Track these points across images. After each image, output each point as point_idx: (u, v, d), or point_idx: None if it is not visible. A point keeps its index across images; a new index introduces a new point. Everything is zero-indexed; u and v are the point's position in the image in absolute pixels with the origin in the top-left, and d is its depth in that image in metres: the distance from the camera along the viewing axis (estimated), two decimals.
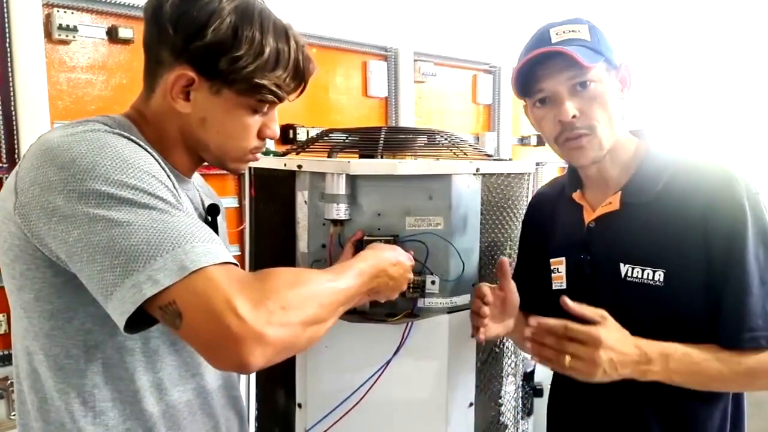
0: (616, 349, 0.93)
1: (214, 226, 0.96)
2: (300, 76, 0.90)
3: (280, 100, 0.89)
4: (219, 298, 0.67)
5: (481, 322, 1.09)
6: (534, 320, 0.96)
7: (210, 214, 0.98)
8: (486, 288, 1.11)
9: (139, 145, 0.80)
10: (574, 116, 1.00)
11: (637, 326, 1.00)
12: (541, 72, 1.01)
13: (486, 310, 1.08)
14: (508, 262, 1.13)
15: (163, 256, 0.68)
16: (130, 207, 0.71)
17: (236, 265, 0.75)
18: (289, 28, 0.88)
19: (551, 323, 0.95)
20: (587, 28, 1.02)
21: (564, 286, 1.14)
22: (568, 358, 0.93)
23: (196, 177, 1.02)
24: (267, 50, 0.83)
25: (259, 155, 0.95)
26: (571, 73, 0.99)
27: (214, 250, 0.71)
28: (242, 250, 2.61)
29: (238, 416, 1.04)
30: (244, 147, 0.91)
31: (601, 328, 0.94)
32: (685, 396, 1.01)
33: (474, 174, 1.19)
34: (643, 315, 1.01)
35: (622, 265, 1.03)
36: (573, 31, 1.01)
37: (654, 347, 0.96)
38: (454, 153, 1.33)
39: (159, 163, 0.81)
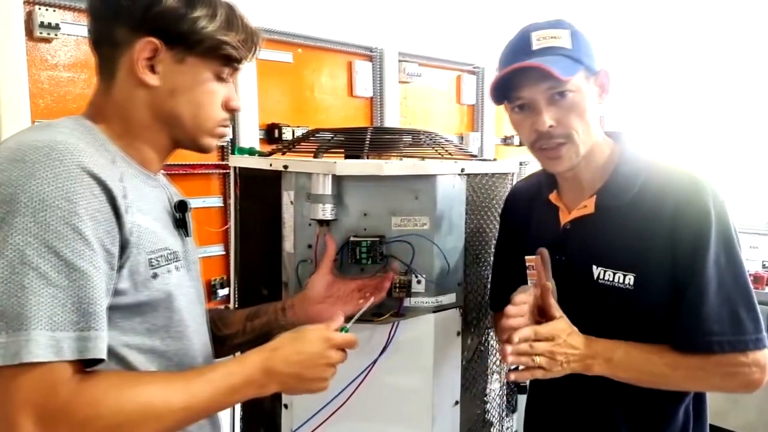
0: (569, 342, 0.98)
1: (184, 222, 0.96)
2: (252, 41, 0.92)
3: (239, 60, 0.91)
4: (9, 407, 0.67)
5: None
6: (516, 336, 0.95)
7: (180, 211, 0.97)
8: (522, 297, 1.01)
9: (102, 153, 0.79)
10: (550, 126, 1.01)
11: (607, 328, 1.03)
12: (520, 81, 1.01)
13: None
14: (547, 254, 1.06)
15: (8, 333, 0.66)
16: (13, 258, 0.68)
17: (99, 359, 0.73)
18: (233, 4, 0.92)
19: (526, 333, 0.96)
20: (569, 33, 1.02)
21: None
22: (537, 359, 0.96)
23: (161, 178, 1.00)
24: (219, 12, 0.87)
25: (227, 132, 0.96)
26: (549, 83, 0.99)
27: (65, 344, 0.69)
28: (227, 250, 2.60)
29: (210, 422, 1.00)
30: (214, 116, 0.91)
31: (556, 323, 0.99)
32: (651, 396, 1.04)
33: (459, 174, 1.20)
34: (613, 317, 1.04)
35: (594, 267, 1.05)
36: (554, 37, 1.01)
37: (599, 343, 1.00)
38: (439, 153, 1.34)
39: (106, 186, 0.76)
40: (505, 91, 1.05)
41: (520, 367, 0.98)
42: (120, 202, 0.77)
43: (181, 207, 0.97)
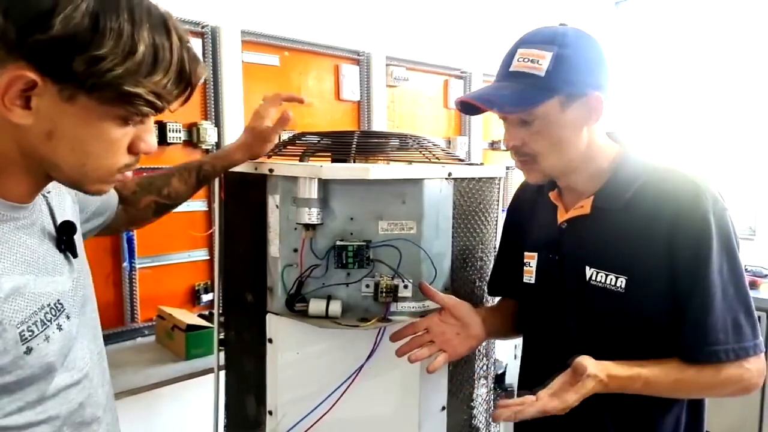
0: (579, 399, 0.96)
1: (70, 245, 0.82)
2: (186, 80, 0.70)
3: (159, 111, 0.70)
4: None
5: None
6: (520, 415, 0.95)
7: (64, 234, 0.81)
8: (423, 323, 1.14)
9: None
10: (514, 146, 1.04)
11: (598, 328, 1.04)
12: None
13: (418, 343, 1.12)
14: (425, 283, 1.16)
15: None
16: None
17: None
18: (168, 18, 0.68)
19: (533, 414, 0.94)
20: (551, 57, 0.98)
21: (533, 281, 1.16)
22: None
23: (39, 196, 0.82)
24: (141, 48, 0.63)
25: (129, 175, 0.76)
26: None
27: None
28: (211, 254, 2.57)
29: None
30: (109, 166, 0.71)
31: (575, 393, 0.94)
32: (642, 403, 1.04)
33: (446, 178, 1.20)
34: (604, 318, 1.04)
35: (587, 268, 1.05)
36: (533, 59, 0.99)
37: (617, 383, 0.97)
38: (427, 157, 1.33)
39: None
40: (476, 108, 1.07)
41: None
42: None
43: (65, 229, 0.81)
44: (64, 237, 0.81)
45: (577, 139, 1.04)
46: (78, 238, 0.86)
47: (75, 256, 0.83)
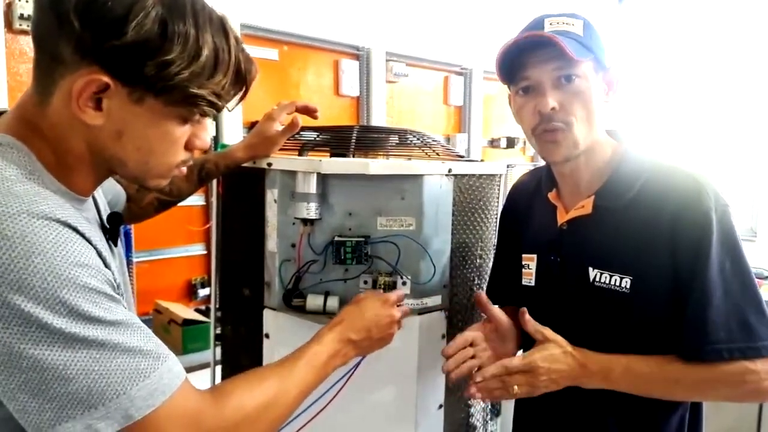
0: (552, 369, 0.98)
1: (114, 234, 0.87)
2: (241, 81, 0.76)
3: (219, 110, 0.75)
4: None
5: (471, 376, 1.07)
6: (479, 376, 1.02)
7: (111, 223, 0.87)
8: (471, 335, 1.10)
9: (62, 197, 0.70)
10: (553, 108, 0.98)
11: (603, 330, 1.02)
12: (528, 59, 0.99)
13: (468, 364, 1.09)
14: (483, 294, 1.16)
15: (105, 405, 0.64)
16: (65, 343, 0.62)
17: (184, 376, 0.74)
18: (225, 20, 0.73)
19: (494, 370, 1.00)
20: (582, 24, 1.00)
21: (533, 284, 1.14)
22: (515, 388, 0.99)
23: None
24: (204, 51, 0.68)
25: (184, 169, 0.82)
26: (558, 64, 0.97)
27: (162, 381, 0.68)
28: (208, 249, 2.57)
29: None
30: (169, 162, 0.77)
31: (537, 352, 1.00)
32: (647, 405, 1.02)
33: (446, 174, 1.19)
34: (609, 320, 1.02)
35: (591, 269, 1.03)
36: (567, 23, 1.00)
37: (595, 362, 0.99)
38: (426, 153, 1.32)
39: (87, 239, 0.68)
40: (512, 71, 1.02)
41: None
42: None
43: (114, 220, 0.87)
44: (110, 227, 0.87)
45: (600, 113, 1.02)
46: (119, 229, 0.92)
47: (116, 245, 0.89)
